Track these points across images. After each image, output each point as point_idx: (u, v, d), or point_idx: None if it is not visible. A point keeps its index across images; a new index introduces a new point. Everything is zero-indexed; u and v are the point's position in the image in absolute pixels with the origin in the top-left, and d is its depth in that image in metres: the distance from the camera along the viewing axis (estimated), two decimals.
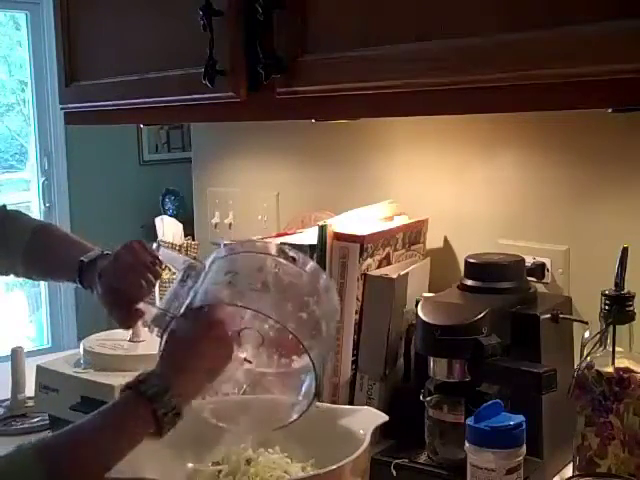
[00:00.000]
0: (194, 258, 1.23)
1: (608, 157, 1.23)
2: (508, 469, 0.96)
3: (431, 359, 1.15)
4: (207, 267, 1.08)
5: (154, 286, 1.22)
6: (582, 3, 0.77)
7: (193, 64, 1.18)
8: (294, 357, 1.06)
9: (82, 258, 1.26)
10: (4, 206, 1.41)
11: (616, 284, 1.04)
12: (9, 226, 1.36)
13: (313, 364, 0.99)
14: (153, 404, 0.93)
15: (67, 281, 1.33)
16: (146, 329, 1.29)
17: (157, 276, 1.23)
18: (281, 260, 1.05)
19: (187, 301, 1.04)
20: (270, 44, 1.07)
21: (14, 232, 1.34)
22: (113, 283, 1.21)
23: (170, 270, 1.38)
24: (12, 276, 1.40)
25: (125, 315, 1.21)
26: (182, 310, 1.04)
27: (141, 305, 1.19)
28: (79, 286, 1.28)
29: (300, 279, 1.05)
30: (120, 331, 1.43)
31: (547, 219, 1.32)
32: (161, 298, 1.29)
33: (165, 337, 1.05)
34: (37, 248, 1.32)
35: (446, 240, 1.45)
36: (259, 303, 1.02)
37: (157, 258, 1.23)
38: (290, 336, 1.00)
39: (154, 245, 1.25)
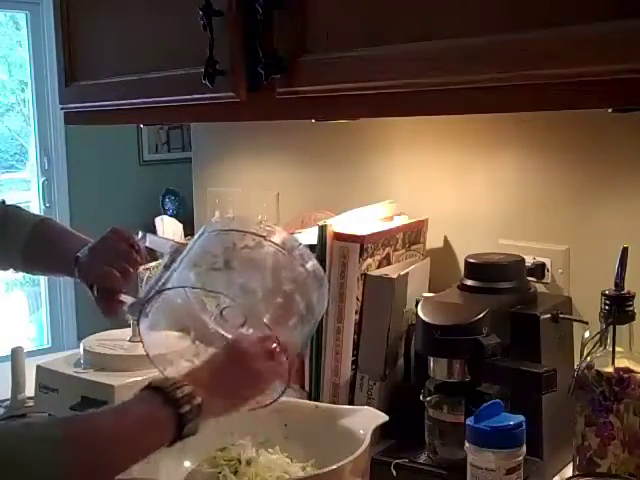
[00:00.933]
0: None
1: (608, 157, 1.23)
2: (508, 469, 0.96)
3: (431, 359, 1.15)
4: (186, 250, 1.08)
5: (132, 274, 1.22)
6: (582, 3, 0.77)
7: (193, 64, 1.18)
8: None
9: (78, 254, 1.26)
10: (3, 201, 1.41)
11: (616, 284, 1.04)
12: (9, 221, 1.36)
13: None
14: (183, 422, 0.90)
15: (66, 275, 1.33)
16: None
17: (134, 263, 1.22)
18: (254, 237, 1.03)
19: (158, 285, 1.04)
20: (270, 44, 1.07)
21: (14, 227, 1.34)
22: (90, 277, 1.22)
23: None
24: (11, 271, 1.40)
25: (106, 306, 1.22)
26: (150, 294, 1.04)
27: (121, 296, 1.19)
28: (79, 281, 1.28)
29: (274, 255, 1.03)
30: (120, 331, 1.43)
31: (547, 219, 1.32)
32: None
33: (142, 324, 1.04)
34: (37, 243, 1.33)
35: (446, 240, 1.45)
36: (226, 284, 1.01)
37: (134, 246, 1.22)
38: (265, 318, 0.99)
39: (140, 234, 1.24)
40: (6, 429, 0.88)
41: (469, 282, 1.20)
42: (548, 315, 1.16)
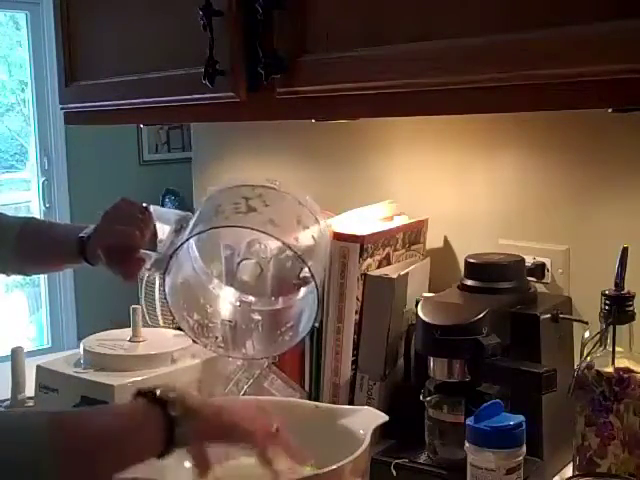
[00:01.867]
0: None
1: (608, 157, 1.23)
2: (508, 469, 0.96)
3: (431, 359, 1.15)
4: (198, 210, 1.13)
5: (147, 233, 1.23)
6: (582, 3, 0.77)
7: (193, 64, 1.18)
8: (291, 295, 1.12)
9: (81, 235, 1.27)
10: None
11: (616, 284, 1.04)
12: None
13: (312, 275, 1.04)
14: (174, 440, 0.89)
15: (67, 263, 1.33)
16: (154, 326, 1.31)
17: (148, 223, 1.24)
18: (261, 189, 1.11)
19: (183, 238, 1.09)
20: (270, 44, 1.07)
21: (1, 229, 1.34)
22: (107, 240, 1.22)
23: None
24: (2, 276, 1.40)
25: (126, 267, 1.22)
26: (177, 244, 1.08)
27: (140, 253, 1.20)
28: (83, 264, 1.28)
29: (284, 200, 1.10)
30: (120, 331, 1.43)
31: (547, 219, 1.32)
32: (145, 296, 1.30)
33: (167, 279, 1.07)
34: (30, 239, 1.33)
35: (446, 240, 1.45)
36: (248, 222, 1.06)
37: (146, 208, 1.25)
38: (288, 257, 1.05)
39: (144, 205, 1.27)
40: None
41: (469, 282, 1.20)
42: (548, 315, 1.16)
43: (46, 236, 1.34)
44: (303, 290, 1.12)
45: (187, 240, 1.09)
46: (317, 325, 1.20)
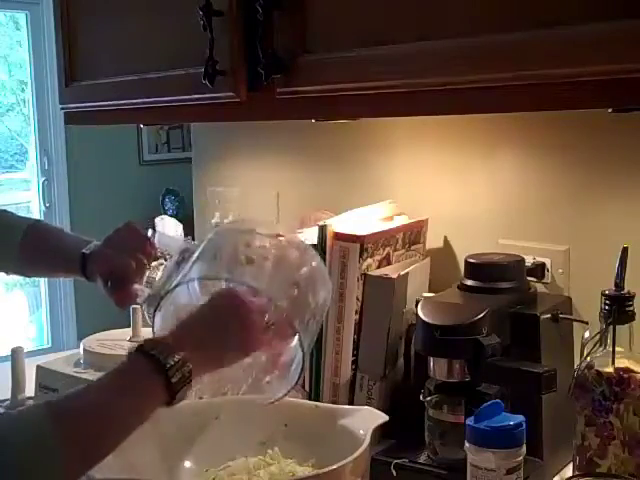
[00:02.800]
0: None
1: (608, 157, 1.23)
2: (508, 469, 0.96)
3: (431, 359, 1.15)
4: (200, 248, 1.10)
5: (146, 266, 1.23)
6: (582, 3, 0.77)
7: (193, 64, 1.18)
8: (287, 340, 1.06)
9: (83, 250, 1.27)
10: None
11: (616, 284, 1.04)
12: (0, 224, 1.35)
13: (300, 337, 1.00)
14: (169, 375, 0.90)
15: (67, 274, 1.33)
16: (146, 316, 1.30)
17: (149, 255, 1.23)
18: (266, 237, 1.06)
19: (175, 281, 1.05)
20: (270, 44, 1.07)
21: (6, 230, 1.34)
22: (105, 266, 1.22)
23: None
24: (2, 274, 1.39)
25: (120, 296, 1.22)
26: (171, 286, 1.05)
27: (136, 286, 1.20)
28: (82, 278, 1.29)
29: (287, 253, 1.06)
30: (120, 331, 1.43)
31: (547, 219, 1.32)
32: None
33: (156, 317, 1.05)
34: (34, 244, 1.32)
35: (446, 240, 1.45)
36: (242, 275, 1.02)
37: (148, 239, 1.24)
38: (284, 314, 1.01)
39: (149, 231, 1.26)
40: None
41: (469, 282, 1.20)
42: (548, 315, 1.16)
43: (50, 244, 1.34)
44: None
45: (178, 285, 1.06)
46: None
